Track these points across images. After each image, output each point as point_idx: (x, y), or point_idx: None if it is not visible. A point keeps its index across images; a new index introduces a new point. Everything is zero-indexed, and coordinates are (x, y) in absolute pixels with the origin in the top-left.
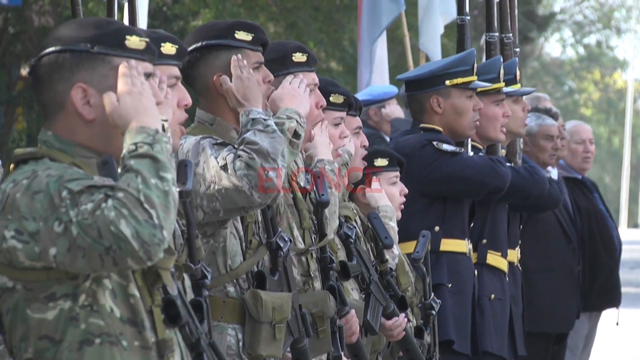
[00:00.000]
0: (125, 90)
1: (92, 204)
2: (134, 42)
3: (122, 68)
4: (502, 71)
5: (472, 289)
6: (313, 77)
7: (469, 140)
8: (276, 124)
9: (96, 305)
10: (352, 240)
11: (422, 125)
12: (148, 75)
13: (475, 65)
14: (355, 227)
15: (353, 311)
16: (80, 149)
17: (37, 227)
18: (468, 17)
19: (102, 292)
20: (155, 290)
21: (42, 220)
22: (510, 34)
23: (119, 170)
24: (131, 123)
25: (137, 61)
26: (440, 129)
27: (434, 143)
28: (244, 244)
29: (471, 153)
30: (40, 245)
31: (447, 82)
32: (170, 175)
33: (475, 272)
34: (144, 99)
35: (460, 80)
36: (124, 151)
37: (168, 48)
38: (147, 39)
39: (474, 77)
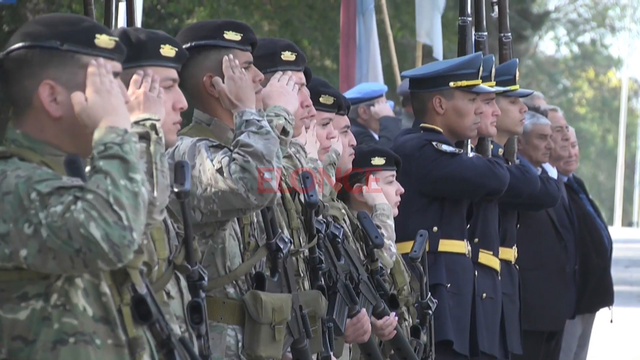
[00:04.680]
0: (93, 89)
1: (62, 206)
2: (103, 40)
3: (91, 67)
4: (493, 70)
5: (472, 289)
6: (300, 77)
7: (469, 141)
8: None
9: (69, 305)
10: (340, 240)
11: (422, 125)
12: (116, 74)
13: (482, 68)
14: (342, 227)
15: (364, 310)
16: (49, 147)
17: (7, 228)
18: (470, 19)
19: (75, 291)
20: (124, 289)
21: (12, 222)
22: (509, 33)
23: (87, 169)
24: (100, 122)
25: (106, 60)
26: (441, 129)
27: (434, 143)
28: (241, 246)
29: (471, 154)
30: (11, 247)
31: (452, 84)
32: (140, 176)
33: (476, 273)
34: (113, 98)
35: (464, 83)
36: (94, 151)
37: (167, 50)
38: (117, 38)
39: (479, 81)
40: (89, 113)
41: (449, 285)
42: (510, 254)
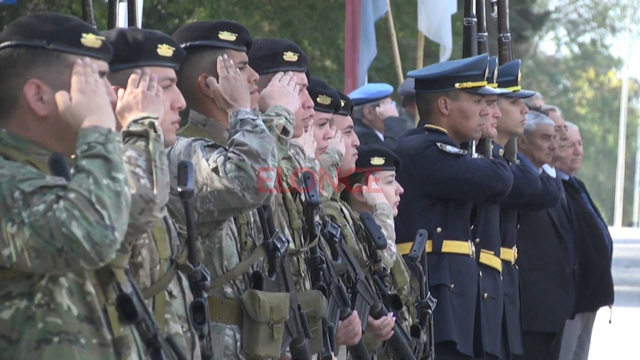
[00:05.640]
0: (78, 88)
1: (44, 205)
2: (89, 40)
3: (77, 66)
4: (496, 71)
5: (476, 290)
6: (302, 78)
7: (473, 142)
8: (265, 121)
9: (53, 304)
10: (337, 240)
11: (426, 125)
12: (102, 74)
13: (487, 70)
14: (339, 226)
15: (355, 312)
16: (35, 146)
17: None
18: (475, 19)
19: (59, 290)
20: (109, 288)
21: None
22: (509, 33)
23: (71, 170)
24: (84, 122)
25: (92, 59)
26: (445, 130)
27: (438, 144)
28: (239, 245)
29: (475, 155)
30: None
31: (457, 85)
32: (123, 175)
33: (480, 274)
34: (98, 97)
35: (470, 84)
36: (77, 151)
37: (165, 50)
38: (103, 38)
39: (484, 83)
40: (73, 112)
41: (452, 285)
42: (510, 254)
